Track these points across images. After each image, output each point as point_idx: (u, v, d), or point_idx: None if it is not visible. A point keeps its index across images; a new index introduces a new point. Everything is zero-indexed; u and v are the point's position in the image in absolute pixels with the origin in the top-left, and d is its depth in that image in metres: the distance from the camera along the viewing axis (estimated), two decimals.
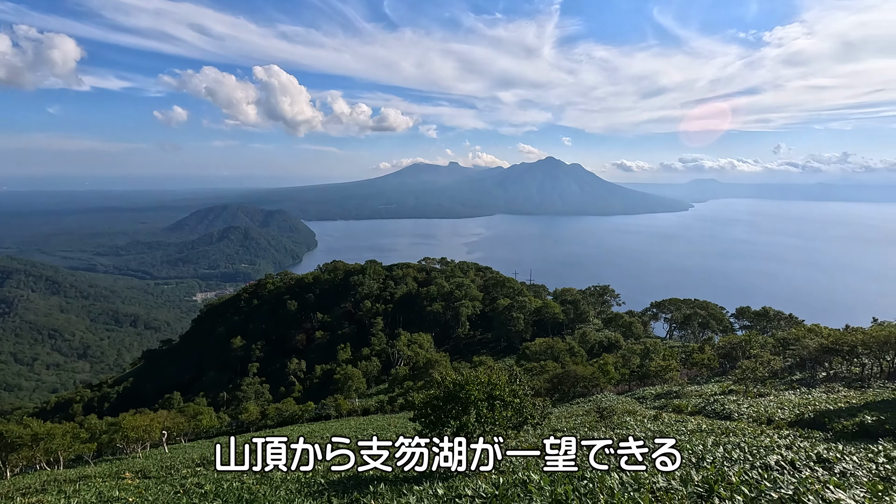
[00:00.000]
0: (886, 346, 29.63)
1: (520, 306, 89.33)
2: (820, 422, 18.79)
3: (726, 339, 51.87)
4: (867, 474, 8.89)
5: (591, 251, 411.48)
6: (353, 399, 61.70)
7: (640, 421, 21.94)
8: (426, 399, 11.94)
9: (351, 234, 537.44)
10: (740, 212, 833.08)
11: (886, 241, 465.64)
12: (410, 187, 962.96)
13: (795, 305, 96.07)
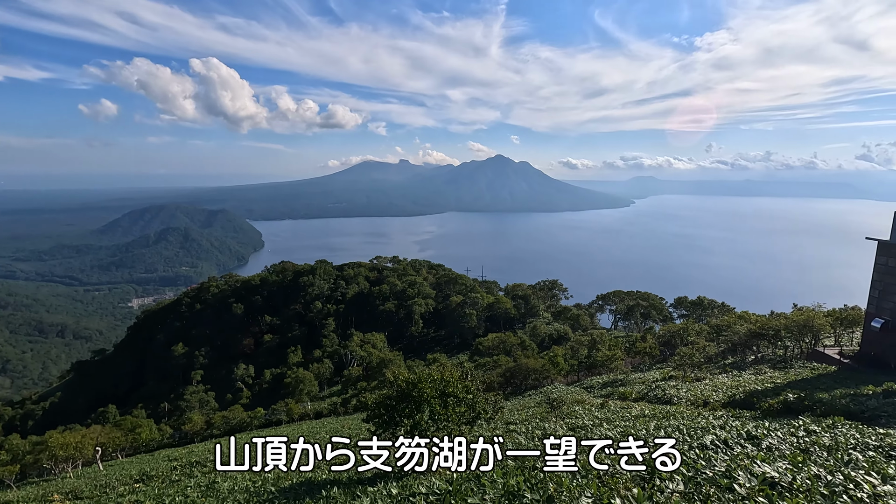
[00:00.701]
0: (805, 330, 32.32)
1: (472, 303, 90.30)
2: (749, 402, 20.23)
3: (666, 328, 54.80)
4: (789, 447, 9.65)
5: (541, 247, 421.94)
6: (304, 403, 60.20)
7: (589, 409, 22.78)
8: (379, 399, 11.83)
9: (300, 234, 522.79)
10: (677, 207, 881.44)
11: (804, 233, 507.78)
12: (360, 185, 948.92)
13: (727, 294, 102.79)
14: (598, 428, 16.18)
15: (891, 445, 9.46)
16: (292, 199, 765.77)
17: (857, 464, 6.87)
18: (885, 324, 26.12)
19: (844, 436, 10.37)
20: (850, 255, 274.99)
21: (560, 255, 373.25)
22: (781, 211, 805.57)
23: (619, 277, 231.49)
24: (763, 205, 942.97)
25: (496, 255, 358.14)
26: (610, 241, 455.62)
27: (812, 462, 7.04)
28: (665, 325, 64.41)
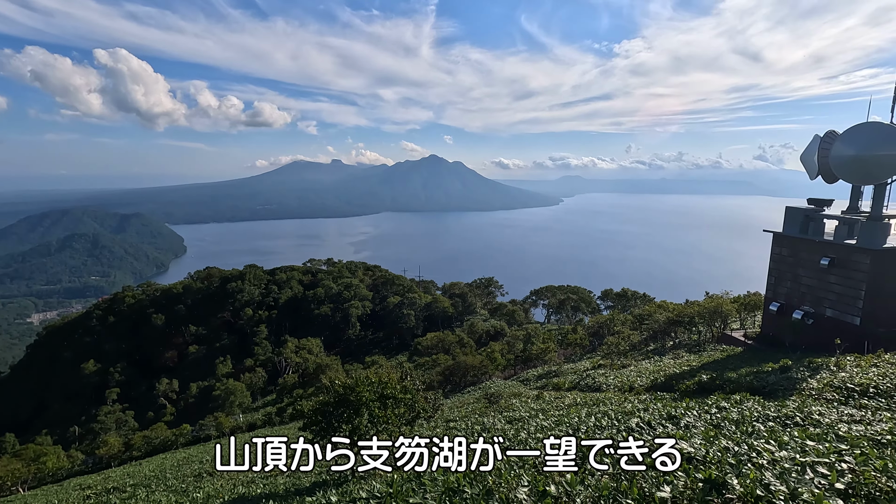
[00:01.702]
0: (715, 315, 35.35)
1: (410, 303, 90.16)
2: (669, 384, 21.81)
3: (594, 320, 57.78)
4: (704, 424, 10.52)
5: (476, 246, 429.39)
6: (236, 415, 57.24)
7: (525, 402, 23.53)
8: (316, 406, 11.50)
9: (226, 238, 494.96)
10: (601, 205, 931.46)
11: (713, 227, 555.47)
12: (291, 186, 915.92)
13: (648, 285, 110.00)
14: (534, 419, 16.75)
15: (786, 416, 10.59)
16: (217, 201, 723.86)
17: (759, 434, 7.62)
18: (780, 307, 29.14)
19: (749, 410, 11.47)
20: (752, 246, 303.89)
21: (495, 253, 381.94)
22: (693, 207, 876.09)
23: (551, 273, 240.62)
24: (677, 202, 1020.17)
25: (433, 255, 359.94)
26: (542, 239, 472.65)
27: (722, 436, 7.73)
28: (594, 317, 67.85)
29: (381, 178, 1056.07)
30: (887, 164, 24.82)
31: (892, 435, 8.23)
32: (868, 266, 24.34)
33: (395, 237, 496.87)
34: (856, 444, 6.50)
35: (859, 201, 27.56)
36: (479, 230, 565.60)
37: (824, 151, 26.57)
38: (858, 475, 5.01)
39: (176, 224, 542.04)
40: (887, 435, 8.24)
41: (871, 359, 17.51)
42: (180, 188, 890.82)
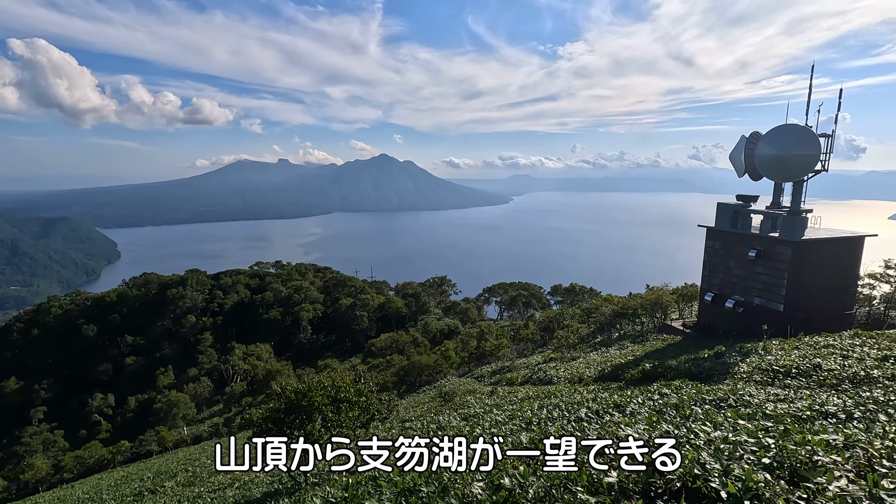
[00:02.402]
0: (656, 307, 37.19)
1: (363, 304, 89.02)
2: (616, 374, 22.77)
3: (545, 315, 59.34)
4: (647, 410, 11.08)
5: (429, 245, 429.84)
6: (180, 428, 54.41)
7: (480, 398, 23.83)
8: (266, 413, 11.13)
9: (165, 242, 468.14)
10: (550, 203, 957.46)
11: (653, 223, 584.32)
12: (236, 187, 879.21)
13: (594, 280, 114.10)
14: (489, 414, 17.01)
15: (720, 398, 11.33)
16: (154, 203, 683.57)
17: (696, 417, 8.11)
18: (714, 297, 31.08)
19: (687, 395, 12.18)
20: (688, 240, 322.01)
21: (447, 251, 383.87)
22: (635, 204, 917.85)
23: (502, 270, 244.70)
24: (620, 199, 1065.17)
25: (385, 255, 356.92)
26: (493, 237, 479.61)
27: (664, 420, 8.17)
28: (544, 312, 69.67)
29: (331, 177, 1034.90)
30: (804, 163, 27.04)
31: (811, 411, 9.00)
32: (789, 256, 26.41)
33: (346, 238, 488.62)
34: (780, 421, 7.05)
35: (781, 197, 29.85)
36: (432, 229, 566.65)
37: (749, 151, 28.57)
38: (782, 450, 5.44)
39: (108, 228, 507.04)
40: (807, 411, 9.00)
41: (793, 342, 19.04)
42: (112, 189, 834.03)
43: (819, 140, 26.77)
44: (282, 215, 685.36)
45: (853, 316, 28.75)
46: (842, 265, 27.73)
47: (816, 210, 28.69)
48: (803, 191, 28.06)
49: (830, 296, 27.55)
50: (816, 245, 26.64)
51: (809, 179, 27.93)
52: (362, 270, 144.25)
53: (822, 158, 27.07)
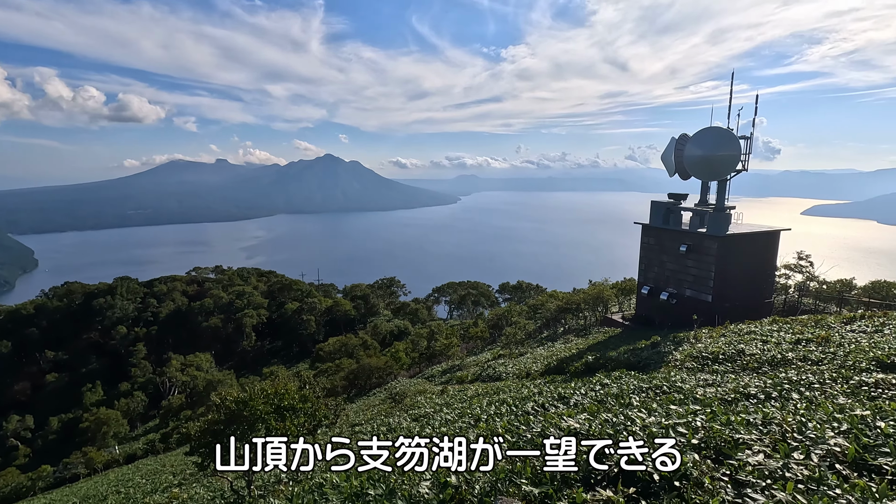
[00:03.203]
0: (598, 301, 38.72)
1: (310, 308, 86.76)
2: (561, 367, 23.50)
3: (493, 312, 60.33)
4: (590, 401, 11.51)
5: (377, 246, 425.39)
6: (111, 448, 50.71)
7: (430, 398, 23.86)
8: (204, 426, 10.57)
9: (89, 248, 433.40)
10: (497, 202, 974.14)
11: (594, 220, 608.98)
12: (169, 188, 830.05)
13: (540, 277, 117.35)
14: (439, 414, 17.06)
15: (656, 386, 11.97)
16: (76, 207, 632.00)
17: (633, 405, 8.51)
18: (650, 290, 32.77)
19: (626, 384, 12.77)
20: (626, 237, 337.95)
21: (396, 252, 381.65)
22: (576, 203, 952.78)
23: (452, 270, 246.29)
24: (563, 198, 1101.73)
25: (332, 257, 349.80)
26: (441, 237, 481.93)
27: (605, 409, 8.51)
28: (493, 310, 70.80)
29: (274, 178, 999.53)
30: (726, 163, 29.06)
31: (735, 393, 9.69)
32: (716, 250, 28.31)
33: (290, 240, 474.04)
34: (707, 405, 7.54)
35: (707, 195, 31.96)
36: (380, 230, 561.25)
37: (679, 152, 30.37)
38: (709, 431, 5.82)
39: (22, 234, 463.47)
40: (732, 393, 9.68)
41: (720, 330, 20.44)
42: (27, 192, 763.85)
43: (739, 142, 28.92)
44: (221, 218, 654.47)
45: (772, 304, 31.26)
46: (761, 257, 30.10)
47: (739, 207, 30.96)
48: (727, 189, 30.19)
49: (752, 286, 29.82)
50: (739, 239, 28.75)
51: (732, 178, 30.09)
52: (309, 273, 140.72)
53: (743, 159, 29.26)
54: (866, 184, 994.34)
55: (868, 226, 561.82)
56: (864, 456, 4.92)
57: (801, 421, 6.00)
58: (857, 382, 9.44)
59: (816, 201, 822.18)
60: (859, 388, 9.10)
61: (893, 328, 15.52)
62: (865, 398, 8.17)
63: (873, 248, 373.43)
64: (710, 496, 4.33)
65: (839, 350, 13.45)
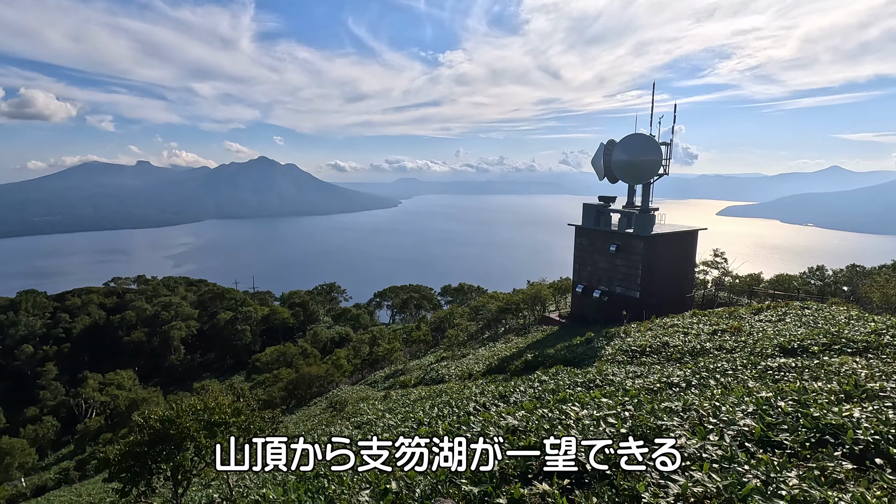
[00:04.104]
0: (536, 300, 39.92)
1: (245, 317, 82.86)
2: (502, 367, 23.98)
3: (436, 315, 60.56)
4: (528, 398, 11.85)
5: (316, 251, 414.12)
6: (16, 480, 45.73)
7: (373, 404, 23.54)
8: (125, 449, 9.77)
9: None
10: (437, 205, 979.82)
11: (532, 223, 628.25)
12: (83, 192, 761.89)
13: (481, 278, 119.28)
14: (382, 420, 16.87)
15: (590, 380, 12.52)
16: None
17: (568, 399, 8.85)
18: (584, 288, 34.24)
19: (563, 379, 13.26)
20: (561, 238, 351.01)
21: (336, 257, 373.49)
22: (514, 206, 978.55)
23: (393, 274, 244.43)
24: (502, 201, 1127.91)
25: (269, 264, 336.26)
26: (382, 240, 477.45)
27: (542, 405, 8.79)
28: (435, 313, 71.05)
29: (203, 181, 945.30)
30: (650, 167, 30.98)
31: (660, 383, 10.34)
32: (642, 249, 30.07)
33: (223, 247, 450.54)
34: (635, 395, 7.99)
35: (634, 197, 33.92)
36: (318, 234, 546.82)
37: (607, 157, 32.02)
38: (636, 419, 6.17)
39: None
40: (657, 383, 10.32)
41: (647, 324, 21.73)
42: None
43: (661, 148, 30.98)
44: (144, 224, 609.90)
45: (692, 298, 33.68)
46: (683, 255, 32.37)
47: (662, 208, 33.12)
48: (651, 192, 32.21)
49: (675, 282, 31.98)
50: (663, 239, 30.74)
51: (655, 182, 32.16)
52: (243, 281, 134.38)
53: (664, 163, 31.36)
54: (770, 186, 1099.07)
55: (772, 224, 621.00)
56: (768, 434, 5.42)
57: (715, 405, 6.51)
58: (763, 367, 10.39)
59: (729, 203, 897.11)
60: (765, 372, 10.02)
61: (793, 317, 17.23)
62: (770, 381, 9.00)
63: (777, 244, 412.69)
64: (637, 481, 4.60)
65: (749, 339, 14.73)
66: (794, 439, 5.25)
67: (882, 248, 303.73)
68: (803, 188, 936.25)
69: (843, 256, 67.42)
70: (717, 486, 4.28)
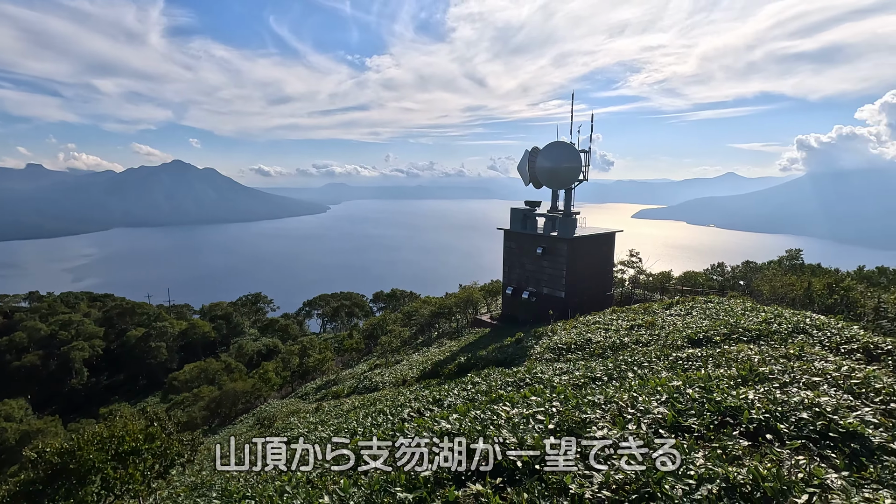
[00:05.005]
0: (468, 303, 40.58)
1: (159, 333, 76.69)
2: (436, 371, 24.09)
3: (368, 322, 59.64)
4: (462, 400, 12.00)
5: (239, 260, 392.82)
6: None
7: (304, 417, 22.70)
8: (15, 489, 8.64)
9: None
10: (368, 211, 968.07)
11: (462, 227, 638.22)
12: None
13: (414, 283, 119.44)
14: (313, 433, 16.31)
15: (520, 379, 12.92)
16: None
17: (500, 398, 9.07)
18: (514, 290, 35.30)
19: (494, 380, 13.57)
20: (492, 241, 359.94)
21: (262, 265, 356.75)
22: (445, 210, 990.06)
23: (323, 281, 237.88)
24: (432, 206, 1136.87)
25: (186, 275, 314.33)
26: (311, 247, 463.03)
27: (474, 407, 8.94)
28: (368, 320, 69.96)
29: (108, 186, 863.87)
30: (571, 173, 32.63)
31: (584, 378, 10.89)
32: (566, 251, 31.55)
33: (132, 258, 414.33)
34: (561, 391, 8.35)
35: (557, 202, 35.56)
36: (242, 242, 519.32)
37: (531, 164, 33.34)
38: (563, 414, 6.46)
39: None
40: (582, 378, 10.87)
41: (573, 322, 22.82)
42: None
43: (581, 155, 32.77)
44: (37, 234, 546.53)
45: (612, 296, 35.84)
46: (603, 256, 34.38)
47: (583, 212, 35.02)
48: (572, 196, 33.94)
49: (596, 281, 33.88)
50: (585, 241, 32.47)
51: (576, 187, 33.93)
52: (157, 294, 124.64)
53: (584, 170, 33.19)
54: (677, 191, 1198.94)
55: (680, 226, 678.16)
56: (679, 419, 5.90)
57: (633, 396, 6.97)
58: (674, 358, 11.28)
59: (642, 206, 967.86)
60: (676, 362, 10.88)
61: (699, 310, 18.87)
62: (680, 370, 9.80)
63: (684, 244, 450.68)
64: (564, 474, 4.81)
65: (662, 332, 15.93)
66: (700, 423, 5.76)
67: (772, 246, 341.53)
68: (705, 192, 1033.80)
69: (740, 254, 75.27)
70: (635, 472, 4.59)
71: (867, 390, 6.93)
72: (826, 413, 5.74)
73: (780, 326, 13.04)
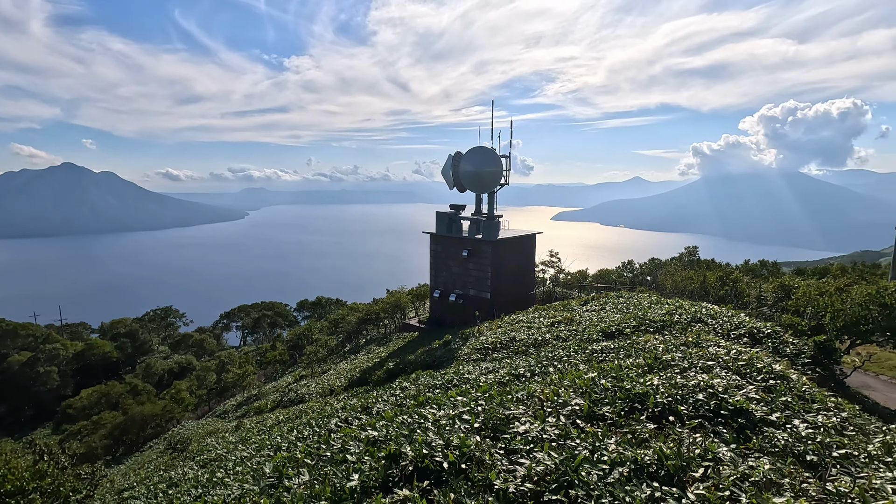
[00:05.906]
0: (396, 308, 40.36)
1: (49, 357, 68.29)
2: (364, 378, 23.69)
3: (293, 332, 57.30)
4: (390, 406, 11.90)
5: (145, 271, 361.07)
6: None
7: (223, 437, 21.32)
8: None
9: None
10: (289, 216, 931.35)
11: (389, 231, 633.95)
12: None
13: (340, 290, 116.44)
14: (234, 453, 15.38)
15: (448, 381, 13.07)
16: None
17: (428, 400, 9.12)
18: (441, 293, 35.64)
19: (423, 384, 13.62)
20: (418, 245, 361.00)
21: (172, 277, 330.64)
22: (371, 215, 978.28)
23: (243, 291, 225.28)
24: (357, 210, 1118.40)
25: (82, 290, 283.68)
26: (228, 256, 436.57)
27: (402, 413, 8.91)
28: (292, 330, 67.22)
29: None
30: (493, 177, 33.62)
31: (509, 375, 11.25)
32: (490, 253, 32.42)
33: (13, 272, 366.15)
34: (487, 390, 8.57)
35: (481, 205, 36.45)
36: (149, 252, 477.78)
37: (455, 168, 33.94)
38: (487, 413, 6.63)
39: None
40: (506, 376, 11.22)
41: (498, 322, 23.47)
42: None
43: (502, 160, 33.87)
44: None
45: (535, 295, 37.34)
46: (525, 257, 35.72)
47: (505, 215, 36.20)
48: (495, 200, 34.98)
49: (520, 281, 35.13)
50: (508, 243, 33.56)
51: (498, 191, 35.02)
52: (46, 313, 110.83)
53: (505, 174, 34.33)
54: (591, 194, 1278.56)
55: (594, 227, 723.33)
56: (594, 409, 6.29)
57: (554, 390, 7.32)
58: (590, 351, 11.99)
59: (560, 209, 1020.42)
60: (592, 355, 11.58)
61: (612, 305, 20.21)
62: (595, 363, 10.43)
63: (598, 244, 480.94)
64: (489, 470, 4.94)
65: (579, 327, 16.87)
66: (612, 410, 6.18)
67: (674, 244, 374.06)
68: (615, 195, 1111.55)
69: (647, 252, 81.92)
70: (555, 462, 4.83)
71: (751, 370, 7.83)
72: (718, 393, 6.40)
73: (681, 317, 14.32)
